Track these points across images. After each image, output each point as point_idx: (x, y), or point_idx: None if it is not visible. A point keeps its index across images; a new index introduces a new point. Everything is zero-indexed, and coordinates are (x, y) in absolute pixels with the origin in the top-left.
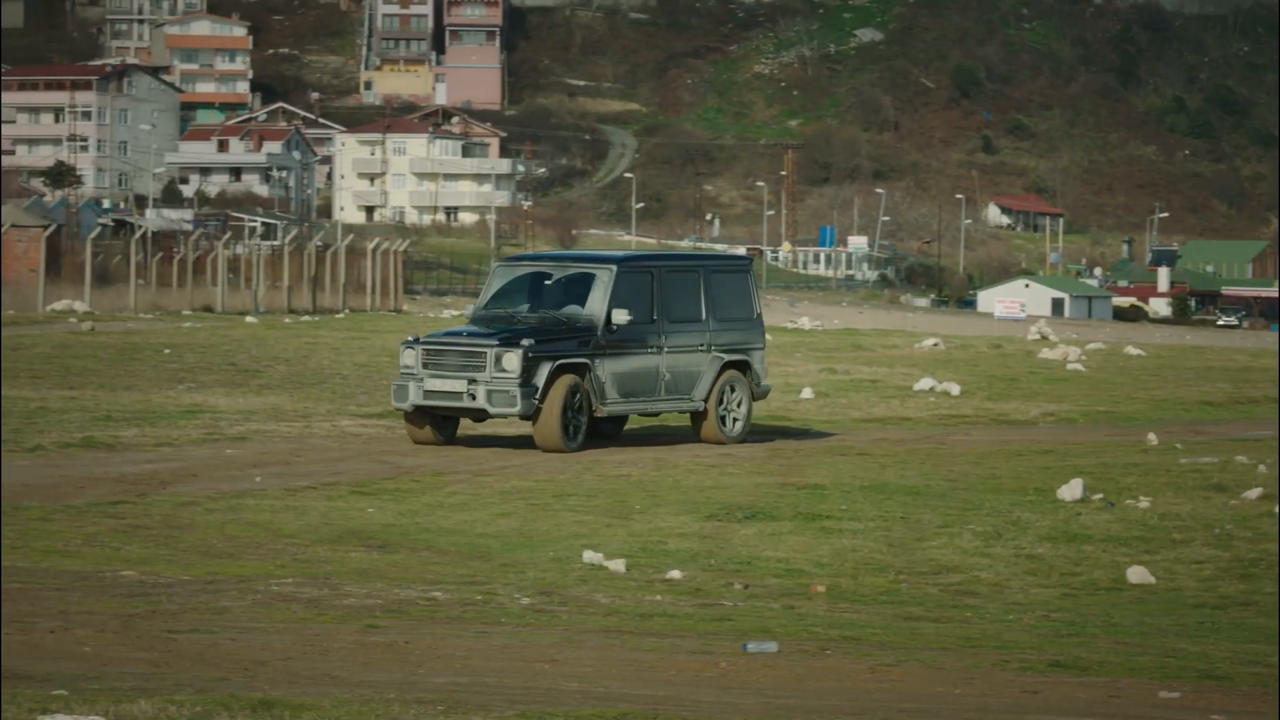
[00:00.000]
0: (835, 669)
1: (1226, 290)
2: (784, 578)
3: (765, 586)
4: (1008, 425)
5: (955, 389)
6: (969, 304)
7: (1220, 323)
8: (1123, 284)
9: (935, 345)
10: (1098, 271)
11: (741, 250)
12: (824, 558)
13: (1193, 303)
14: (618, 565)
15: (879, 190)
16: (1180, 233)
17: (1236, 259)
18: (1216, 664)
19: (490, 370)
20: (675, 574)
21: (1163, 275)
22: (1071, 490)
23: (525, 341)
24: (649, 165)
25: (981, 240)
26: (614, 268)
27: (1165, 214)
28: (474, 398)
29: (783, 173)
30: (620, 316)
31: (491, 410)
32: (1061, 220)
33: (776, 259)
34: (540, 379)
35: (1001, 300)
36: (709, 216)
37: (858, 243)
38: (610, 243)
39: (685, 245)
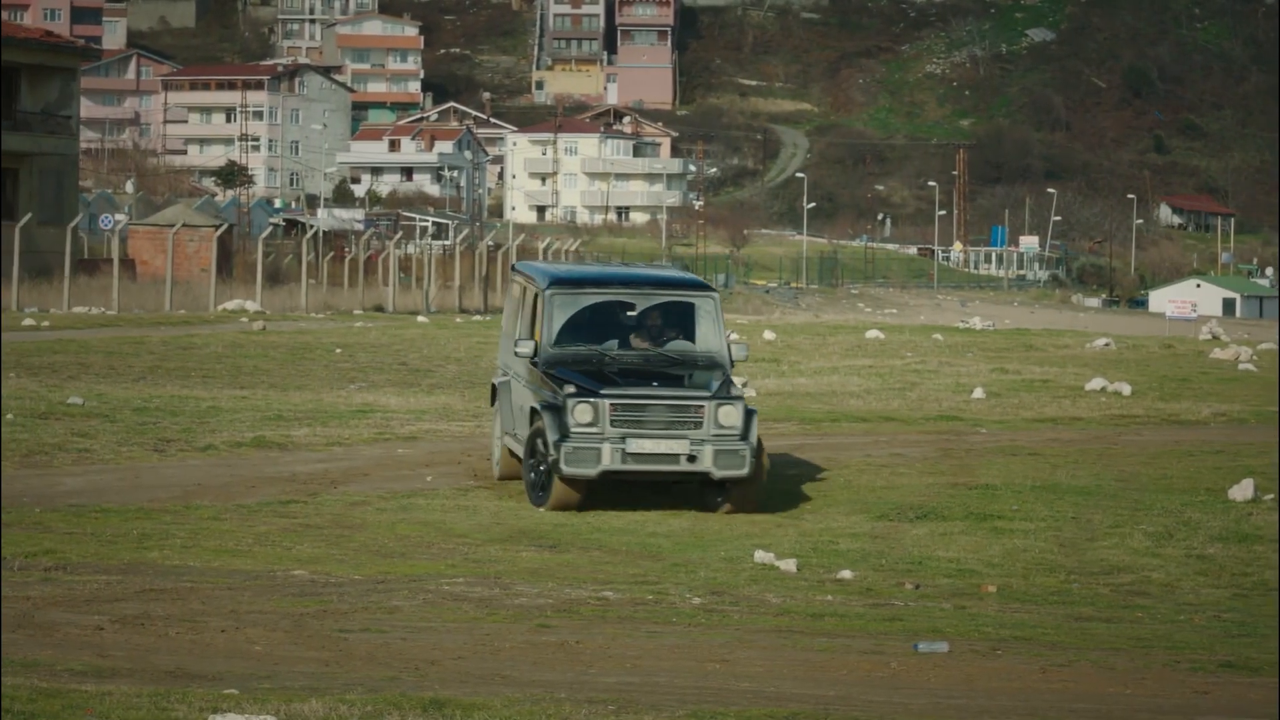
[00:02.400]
0: (1006, 669)
1: None
2: (955, 578)
3: (936, 586)
4: (1179, 425)
5: (1126, 389)
6: (1140, 304)
7: None
8: None
9: (1106, 345)
10: (1269, 272)
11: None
12: (995, 558)
13: None
14: (789, 565)
15: (1050, 190)
16: None
17: None
18: None
19: (709, 427)
20: (846, 574)
21: None
22: (1243, 490)
23: (735, 392)
24: (820, 165)
25: (1153, 240)
26: (715, 295)
27: None
28: (694, 459)
29: (954, 172)
30: (739, 352)
31: (717, 473)
32: (1233, 220)
33: (948, 259)
34: (754, 434)
35: (1173, 300)
36: (880, 216)
37: (1029, 243)
38: (784, 243)
39: (855, 245)
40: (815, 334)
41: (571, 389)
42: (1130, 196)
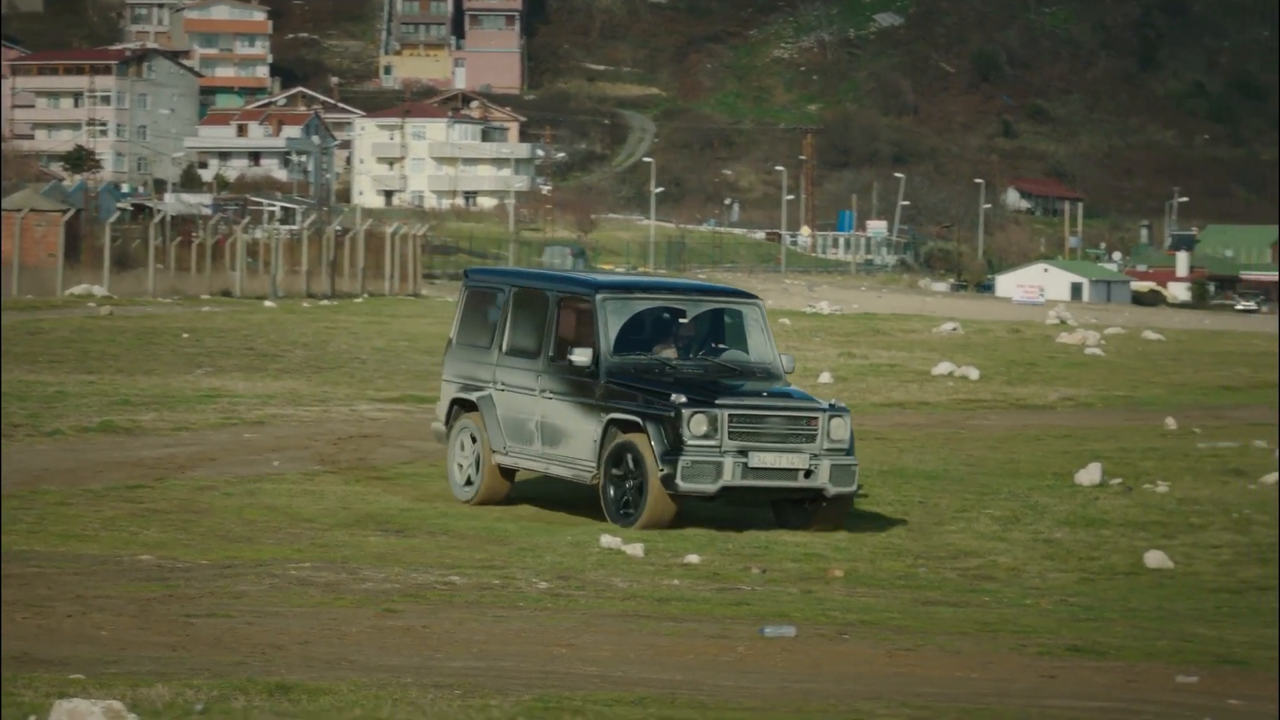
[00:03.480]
0: (852, 653)
1: (1245, 275)
2: (801, 562)
3: (783, 571)
4: (1026, 410)
5: (974, 373)
6: (988, 288)
7: (1239, 307)
8: (1141, 268)
9: (954, 330)
10: (1116, 256)
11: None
12: (841, 542)
13: (1211, 287)
14: (635, 549)
15: (898, 175)
16: (1199, 217)
17: (1256, 244)
18: (1234, 649)
19: (823, 440)
20: (693, 558)
21: (1181, 260)
22: (1090, 475)
23: (841, 404)
24: (668, 150)
25: (1000, 225)
26: (761, 302)
27: (1184, 199)
28: (811, 475)
29: (802, 157)
30: (789, 363)
31: (831, 489)
32: (1080, 205)
33: (795, 243)
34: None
35: (1020, 285)
36: (728, 201)
37: (877, 227)
38: (631, 227)
39: (703, 229)
40: None
41: (683, 398)
42: (978, 181)
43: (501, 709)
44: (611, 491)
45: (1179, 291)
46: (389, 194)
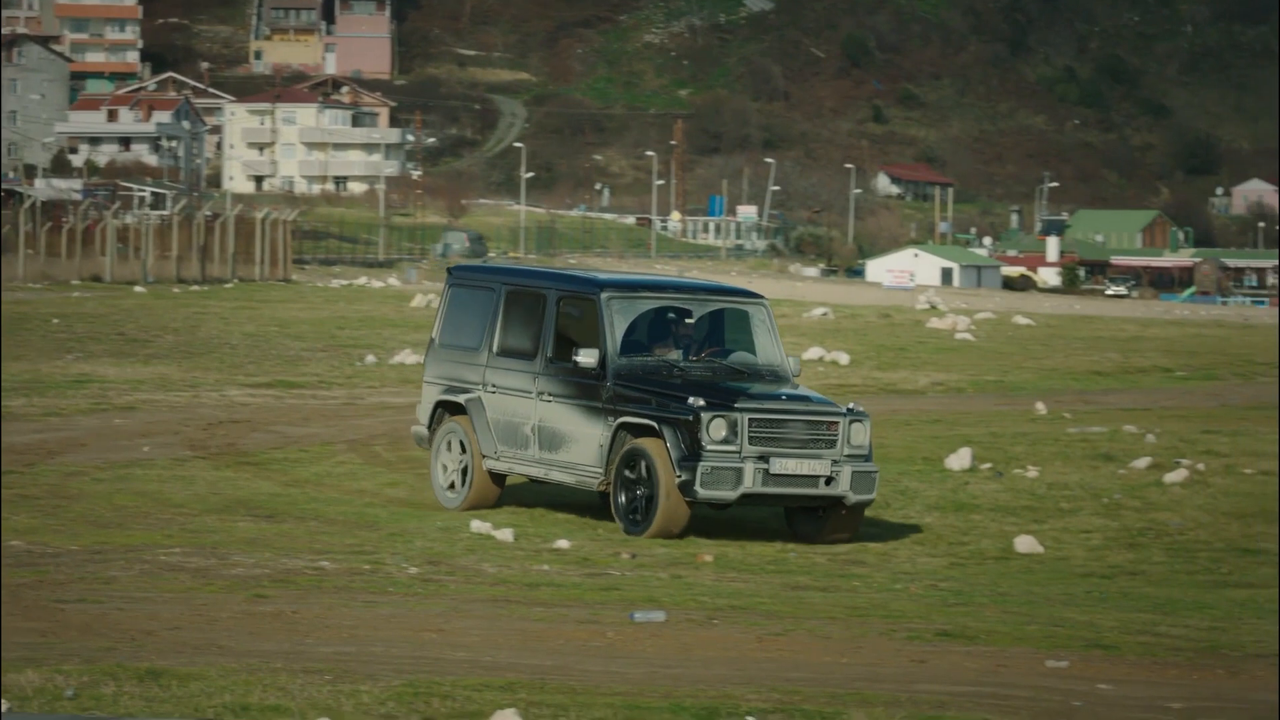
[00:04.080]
0: (722, 638)
1: (1116, 260)
2: (671, 547)
3: (653, 556)
4: (896, 395)
5: (844, 358)
6: (858, 273)
7: (1109, 292)
8: (1012, 253)
9: (824, 314)
10: (987, 241)
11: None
12: (712, 527)
13: (1082, 272)
14: (505, 535)
15: (769, 160)
16: (1070, 202)
17: (1126, 228)
18: (1104, 633)
19: (843, 445)
20: (563, 543)
21: (1052, 245)
22: (960, 459)
23: (856, 407)
24: (539, 135)
25: (871, 210)
26: (766, 302)
27: (1055, 183)
28: (832, 482)
29: (672, 142)
30: (795, 365)
31: (852, 498)
32: (951, 190)
33: (666, 228)
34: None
35: (890, 270)
36: (598, 186)
37: (747, 212)
38: (501, 212)
39: (573, 214)
40: None
41: (701, 402)
42: (848, 166)
43: (371, 694)
44: (623, 498)
45: (1049, 276)
46: (259, 179)
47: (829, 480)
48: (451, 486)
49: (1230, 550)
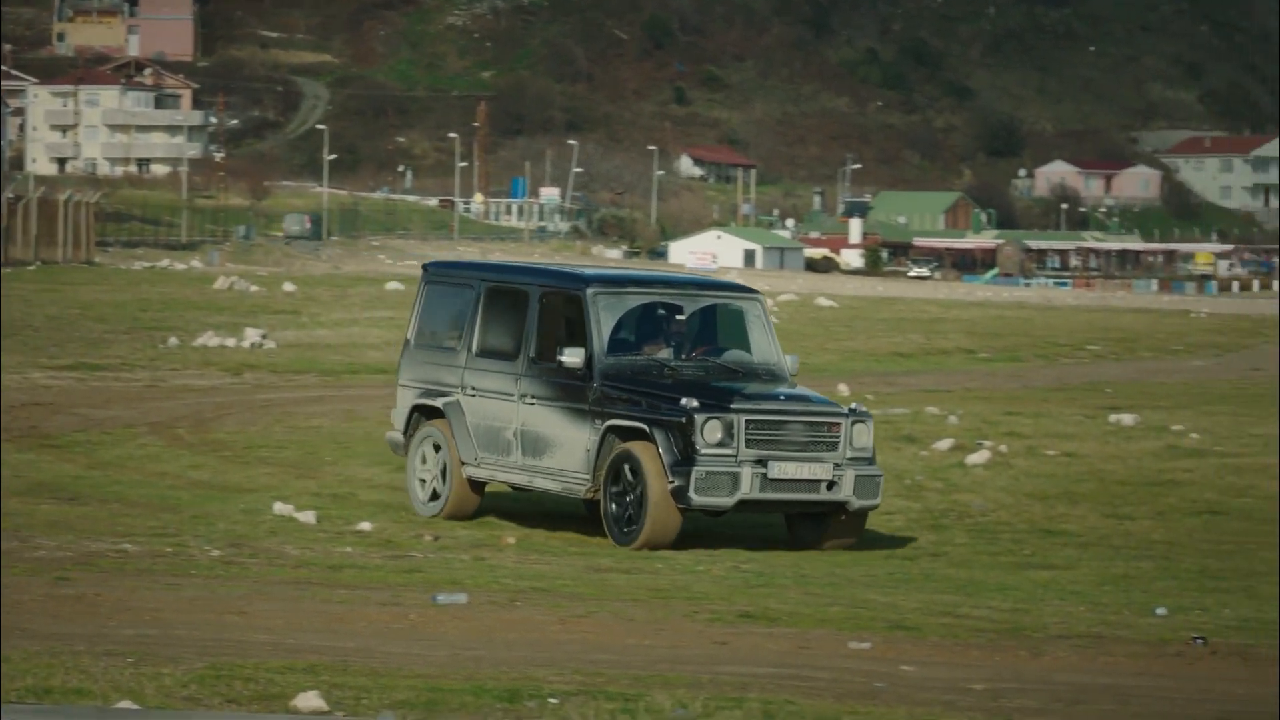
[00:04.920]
0: (525, 620)
1: (918, 241)
2: (474, 529)
3: (455, 538)
4: None
5: None
6: (660, 255)
7: (912, 274)
8: (814, 235)
9: None
10: (790, 223)
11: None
12: (514, 509)
13: (884, 254)
14: (308, 517)
15: (571, 142)
16: (872, 184)
17: (928, 210)
18: (906, 615)
19: (845, 448)
20: (366, 526)
21: (855, 226)
22: None
23: (858, 407)
24: (342, 117)
25: (674, 192)
26: (761, 297)
27: (857, 165)
28: (833, 487)
29: (475, 124)
30: (793, 364)
31: (855, 503)
32: (754, 172)
33: (469, 210)
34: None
35: (693, 251)
36: (401, 169)
37: (550, 194)
38: (304, 195)
39: (376, 197)
40: (336, 286)
41: (695, 403)
42: (651, 148)
43: (174, 677)
44: (612, 507)
45: (852, 258)
46: (62, 161)
47: (831, 485)
48: (433, 496)
49: (1033, 532)
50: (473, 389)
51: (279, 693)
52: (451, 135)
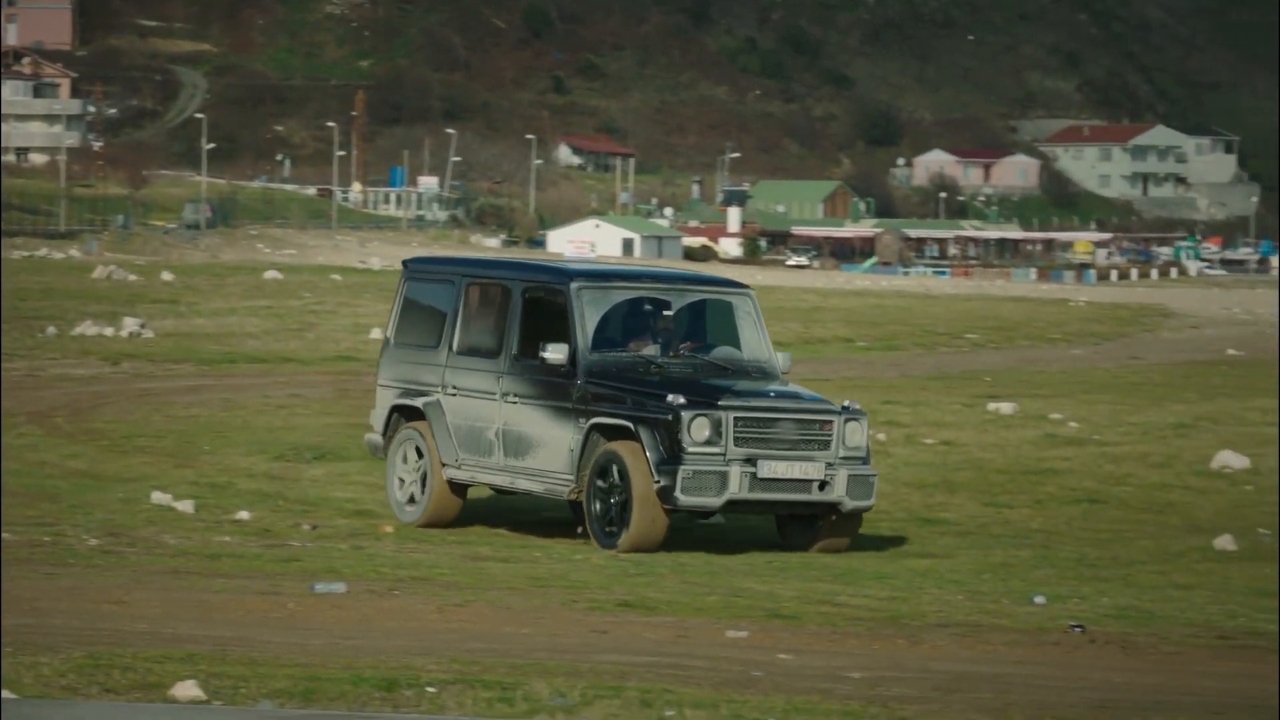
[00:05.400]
0: (403, 609)
1: (797, 230)
2: (353, 518)
3: (334, 527)
4: None
5: None
6: (539, 244)
7: (790, 263)
8: (693, 224)
9: None
10: (668, 211)
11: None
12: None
13: (763, 242)
14: (186, 506)
15: (450, 131)
16: (751, 173)
17: (807, 199)
18: (784, 603)
19: (838, 447)
20: (244, 515)
21: (733, 215)
22: None
23: (852, 405)
24: (220, 106)
25: (552, 181)
26: (752, 292)
27: (737, 154)
28: (825, 487)
29: (353, 113)
30: (785, 362)
31: (848, 504)
32: (632, 160)
33: (347, 199)
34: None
35: (571, 240)
36: (280, 157)
37: (428, 183)
38: (183, 184)
39: (254, 186)
40: (214, 274)
41: (682, 399)
42: (529, 137)
43: (52, 666)
44: (597, 508)
45: (731, 246)
46: None
47: (823, 485)
48: (412, 500)
49: (911, 520)
50: (454, 388)
51: (157, 682)
52: (330, 124)
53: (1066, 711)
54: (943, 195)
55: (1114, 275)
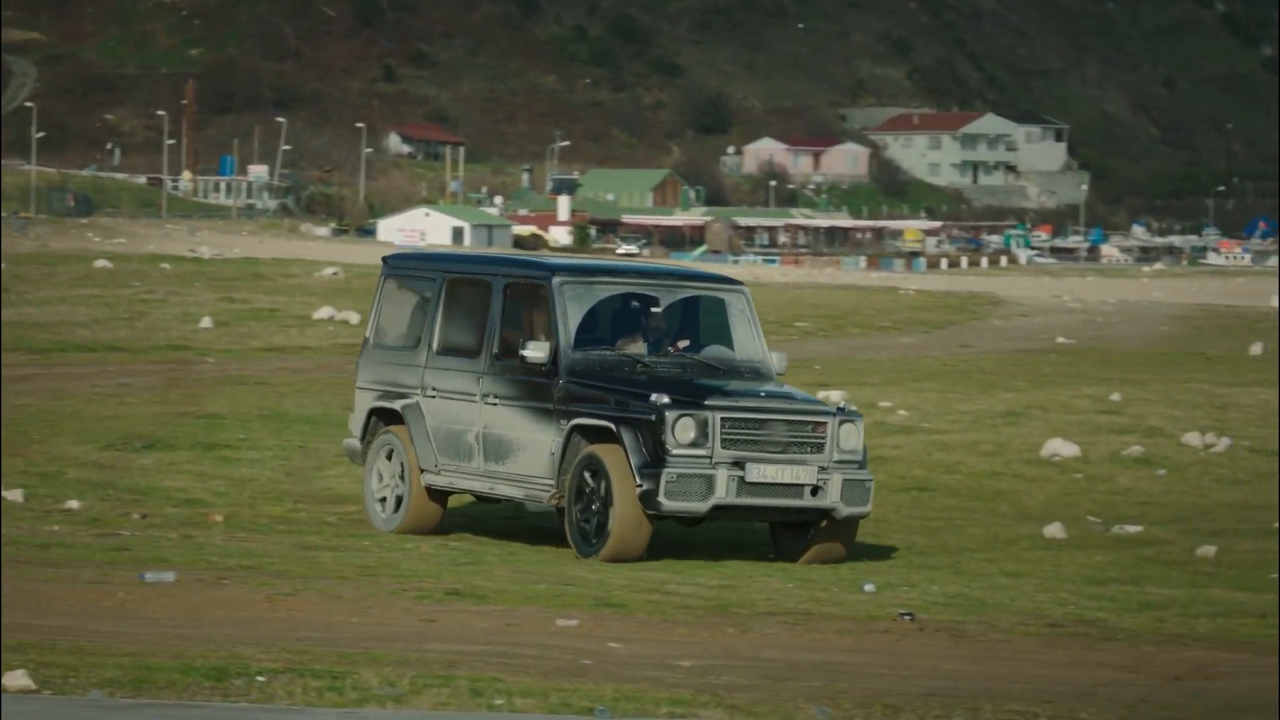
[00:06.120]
0: (233, 598)
1: (627, 218)
2: (182, 507)
3: (163, 516)
4: None
5: (354, 317)
6: (369, 233)
7: (620, 251)
8: (523, 212)
9: (335, 274)
10: (498, 200)
11: None
12: (222, 487)
13: (593, 231)
14: (15, 495)
15: (280, 119)
16: (581, 161)
17: (637, 188)
18: (614, 592)
19: (832, 450)
20: (73, 504)
21: (563, 204)
22: None
23: (847, 406)
24: (50, 95)
25: (383, 169)
26: (746, 289)
27: (566, 143)
28: (818, 492)
29: (183, 102)
30: (780, 362)
31: (843, 510)
32: (462, 149)
33: (177, 188)
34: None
35: (402, 229)
36: (110, 146)
37: (258, 171)
38: (14, 172)
39: (84, 174)
40: (43, 264)
41: (666, 399)
42: (359, 125)
43: None
44: (577, 514)
45: (560, 235)
46: None
47: (815, 490)
48: (389, 508)
49: None
50: (433, 390)
51: None
52: (160, 113)
53: (896, 699)
54: (773, 183)
55: (944, 263)
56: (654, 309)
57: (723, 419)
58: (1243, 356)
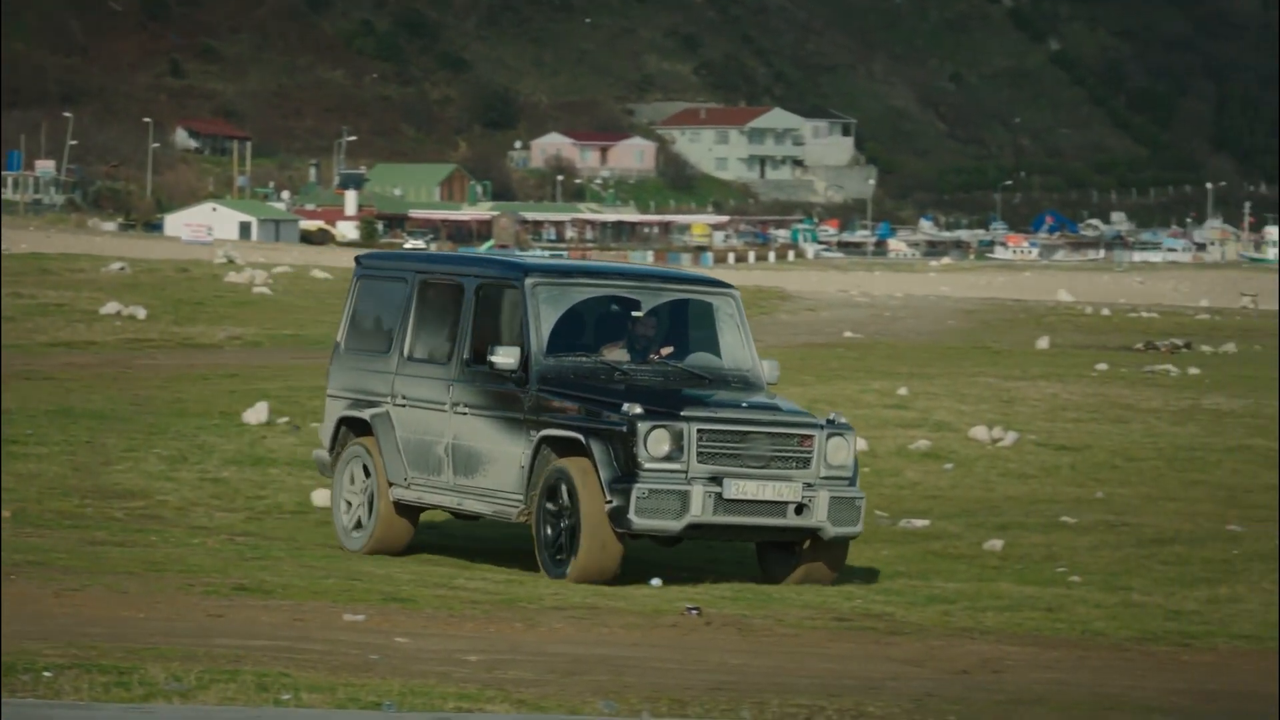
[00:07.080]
0: (18, 594)
1: (414, 213)
2: None
3: None
4: (194, 349)
5: (142, 313)
6: (156, 228)
7: (408, 246)
8: (310, 207)
9: (122, 269)
10: (285, 195)
11: None
12: (8, 482)
13: (380, 226)
14: None
15: (67, 114)
16: (368, 156)
17: (424, 182)
18: (401, 587)
19: (819, 465)
20: None
21: (350, 198)
22: (257, 414)
23: (837, 418)
24: None
25: (170, 164)
26: (736, 293)
27: (353, 138)
28: (803, 510)
29: None
30: (772, 371)
31: (831, 530)
32: (249, 144)
33: None
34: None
35: (188, 224)
36: None
37: (45, 167)
38: None
39: None
40: None
41: (638, 409)
42: (146, 120)
43: None
44: (546, 531)
45: (348, 230)
46: None
47: (800, 508)
48: (359, 524)
49: None
50: (403, 398)
51: None
52: None
53: (683, 693)
54: (560, 178)
55: (731, 258)
56: (635, 313)
57: (699, 431)
58: (1029, 351)
